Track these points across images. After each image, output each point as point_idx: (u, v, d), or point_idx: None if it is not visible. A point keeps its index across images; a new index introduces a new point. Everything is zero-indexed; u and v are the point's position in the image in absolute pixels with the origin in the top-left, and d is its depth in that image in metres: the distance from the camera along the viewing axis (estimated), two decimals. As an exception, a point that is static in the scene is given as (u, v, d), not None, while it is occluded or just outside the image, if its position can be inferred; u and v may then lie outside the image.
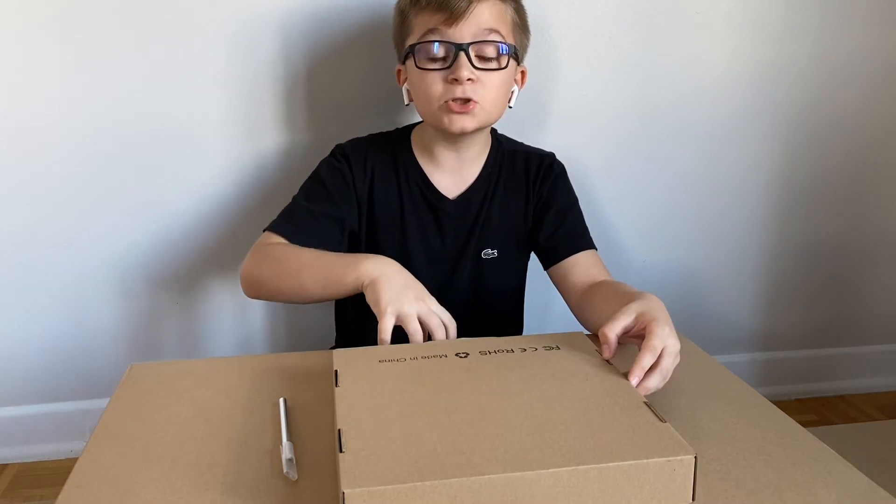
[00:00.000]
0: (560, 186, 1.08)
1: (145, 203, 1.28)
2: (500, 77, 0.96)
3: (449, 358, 0.72)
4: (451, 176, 1.05)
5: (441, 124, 0.97)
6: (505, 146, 1.09)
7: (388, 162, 1.05)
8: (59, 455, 1.40)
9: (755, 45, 1.38)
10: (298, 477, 0.61)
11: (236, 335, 1.39)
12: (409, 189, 1.04)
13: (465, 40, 0.93)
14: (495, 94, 0.97)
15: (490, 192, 1.06)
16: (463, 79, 0.93)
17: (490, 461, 0.54)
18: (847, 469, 0.63)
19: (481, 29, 0.94)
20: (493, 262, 1.06)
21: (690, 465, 0.55)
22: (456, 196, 1.05)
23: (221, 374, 0.81)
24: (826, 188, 1.50)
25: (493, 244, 1.06)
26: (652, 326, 0.73)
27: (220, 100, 1.25)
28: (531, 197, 1.07)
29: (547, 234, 1.06)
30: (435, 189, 1.04)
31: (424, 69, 0.95)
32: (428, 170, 1.05)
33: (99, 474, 0.62)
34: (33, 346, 1.33)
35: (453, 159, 1.04)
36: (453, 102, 0.94)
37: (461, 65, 0.93)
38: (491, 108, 0.97)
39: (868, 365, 1.64)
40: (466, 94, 0.94)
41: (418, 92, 0.98)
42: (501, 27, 0.96)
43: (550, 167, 1.08)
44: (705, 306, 1.53)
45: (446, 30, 0.93)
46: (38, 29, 1.18)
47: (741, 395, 0.77)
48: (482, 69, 0.94)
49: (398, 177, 1.04)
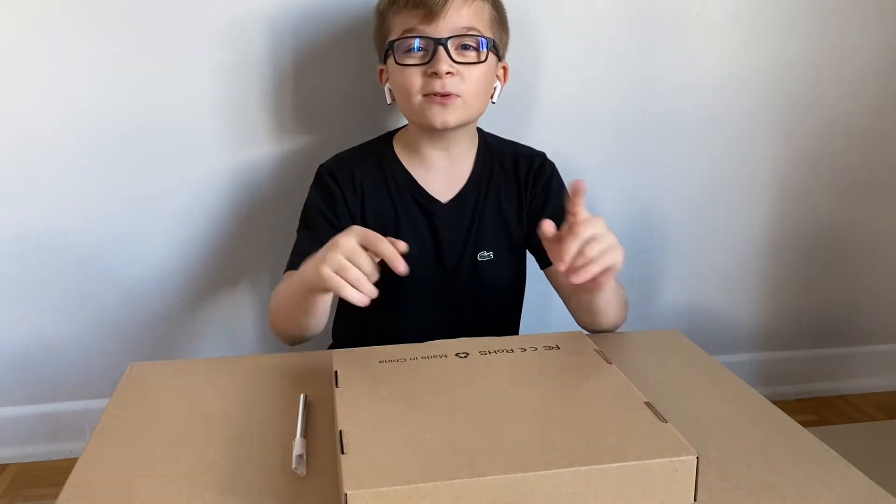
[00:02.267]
0: (553, 187, 1.07)
1: (145, 202, 1.28)
2: (480, 70, 0.97)
3: (449, 358, 0.72)
4: (441, 177, 1.04)
5: (423, 119, 0.97)
6: (493, 147, 1.08)
7: (375, 173, 1.04)
8: (59, 455, 1.40)
9: (755, 45, 1.38)
10: (296, 478, 0.61)
11: (235, 335, 1.39)
12: (400, 196, 1.03)
13: (443, 36, 0.94)
14: (476, 87, 0.97)
15: (482, 195, 1.05)
16: (442, 72, 0.93)
17: (493, 462, 0.54)
18: (847, 469, 0.63)
19: (459, 25, 0.95)
20: (489, 263, 1.06)
21: (692, 466, 0.55)
22: (448, 200, 1.04)
23: (221, 374, 0.81)
24: (826, 188, 1.50)
25: (489, 246, 1.06)
26: (580, 225, 0.76)
27: (219, 96, 1.24)
28: (524, 199, 1.06)
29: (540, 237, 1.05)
30: (426, 193, 1.03)
31: (404, 65, 0.96)
32: (417, 174, 1.04)
33: (99, 474, 0.62)
34: (33, 346, 1.33)
35: (441, 158, 1.04)
36: (434, 95, 0.95)
37: (440, 58, 0.93)
38: (472, 101, 0.97)
39: (868, 365, 1.64)
40: (446, 87, 0.94)
41: (399, 88, 0.98)
42: (479, 23, 0.97)
43: (542, 168, 1.07)
44: (705, 306, 1.53)
45: (425, 27, 0.94)
46: (34, 29, 1.18)
47: (741, 395, 0.77)
48: (462, 62, 0.95)
49: (388, 185, 1.03)
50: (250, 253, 1.32)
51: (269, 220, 1.29)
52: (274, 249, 1.01)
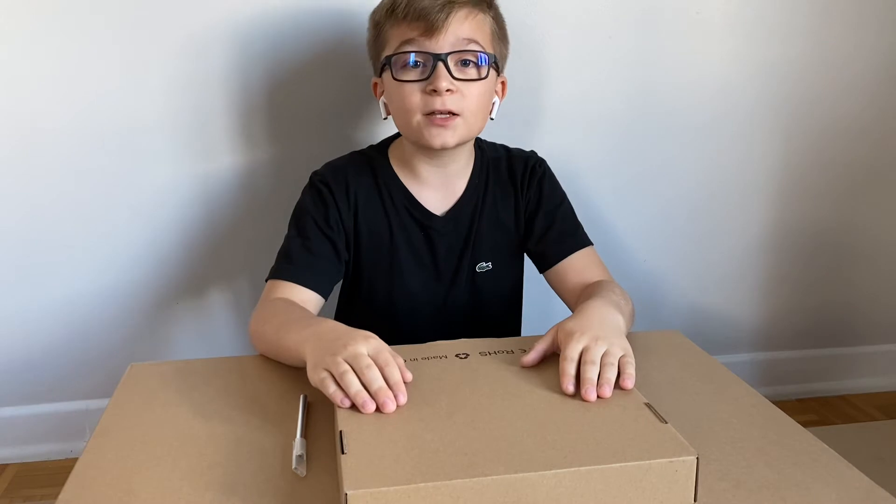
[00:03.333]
0: (546, 187, 1.05)
1: (145, 202, 1.28)
2: (480, 87, 0.93)
3: (449, 359, 0.73)
4: (437, 192, 1.01)
5: (421, 139, 0.93)
6: (488, 153, 1.05)
7: (369, 184, 1.00)
8: (59, 455, 1.40)
9: (755, 45, 1.38)
10: (296, 478, 0.61)
11: (236, 335, 1.39)
12: (394, 209, 1.00)
13: (443, 51, 0.90)
14: (476, 104, 0.93)
15: (479, 205, 1.02)
16: (442, 89, 0.89)
17: (492, 462, 0.54)
18: (847, 469, 0.63)
19: (460, 39, 0.90)
20: (488, 274, 1.04)
21: (692, 466, 0.55)
22: (444, 212, 1.01)
23: (221, 374, 0.81)
24: (826, 188, 1.50)
25: (487, 257, 1.04)
26: (565, 343, 0.73)
27: (221, 98, 1.24)
28: (520, 202, 1.04)
29: (537, 239, 1.04)
30: (421, 207, 1.00)
31: (402, 81, 0.92)
32: (412, 188, 1.01)
33: (99, 474, 0.63)
34: (33, 346, 1.33)
35: (437, 175, 1.00)
36: (434, 116, 0.91)
37: (440, 75, 0.89)
38: (472, 120, 0.94)
39: (868, 365, 1.64)
40: (447, 105, 0.90)
41: (396, 105, 0.94)
42: (480, 37, 0.93)
43: (534, 169, 1.04)
44: (705, 306, 1.53)
45: (424, 41, 0.90)
46: (40, 31, 1.18)
47: (741, 395, 0.77)
48: (461, 79, 0.91)
49: (382, 198, 1.00)
50: (250, 253, 1.32)
51: (269, 221, 1.29)
52: (274, 250, 1.01)
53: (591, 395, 0.66)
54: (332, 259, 0.98)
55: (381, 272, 1.02)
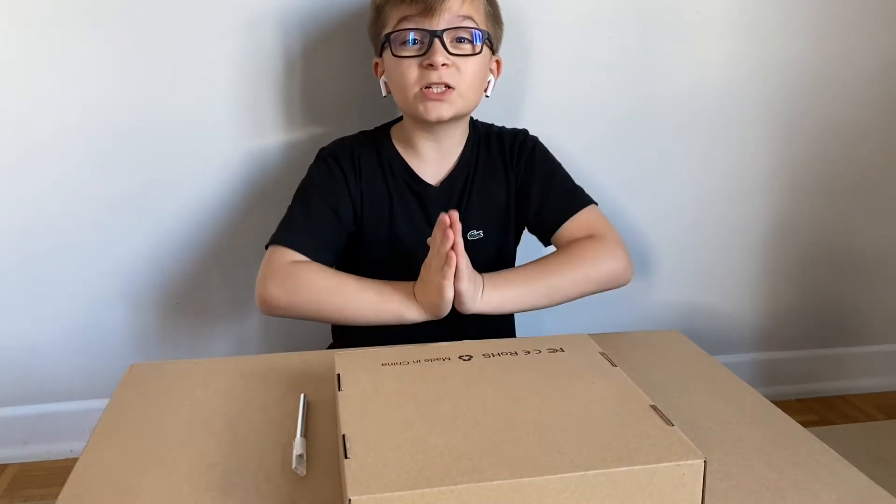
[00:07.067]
0: (536, 160, 1.10)
1: (145, 202, 1.28)
2: (475, 63, 0.99)
3: (452, 361, 0.72)
4: (433, 165, 1.07)
5: (417, 112, 0.99)
6: (481, 130, 1.11)
7: (373, 158, 1.07)
8: (59, 455, 1.40)
9: (755, 45, 1.38)
10: (296, 478, 0.61)
11: (236, 335, 1.39)
12: (394, 180, 1.06)
13: (439, 28, 0.96)
14: (471, 80, 0.99)
15: (471, 176, 1.08)
16: (438, 64, 0.95)
17: (498, 466, 0.53)
18: (847, 469, 0.63)
19: (455, 17, 0.96)
20: (479, 242, 1.08)
21: (699, 470, 0.55)
22: (438, 182, 1.07)
23: (221, 374, 0.81)
24: (826, 188, 1.50)
25: (478, 225, 1.08)
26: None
27: (218, 101, 1.25)
28: (511, 178, 1.09)
29: (535, 210, 1.08)
30: (418, 177, 1.07)
31: (400, 57, 0.98)
32: (411, 161, 1.07)
33: (99, 474, 0.62)
34: (33, 346, 1.33)
35: (434, 150, 1.07)
36: (429, 90, 0.96)
37: (436, 50, 0.95)
38: (467, 94, 0.99)
39: (868, 365, 1.64)
40: (443, 79, 0.96)
41: (395, 80, 1.00)
42: (475, 15, 0.99)
43: (523, 144, 1.10)
44: (705, 306, 1.53)
45: (422, 19, 0.96)
46: (41, 29, 1.18)
47: (741, 395, 0.77)
48: (457, 54, 0.97)
49: (384, 170, 1.06)
50: (250, 253, 1.32)
51: (269, 221, 1.29)
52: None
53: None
54: (335, 227, 1.02)
55: (381, 239, 1.06)
